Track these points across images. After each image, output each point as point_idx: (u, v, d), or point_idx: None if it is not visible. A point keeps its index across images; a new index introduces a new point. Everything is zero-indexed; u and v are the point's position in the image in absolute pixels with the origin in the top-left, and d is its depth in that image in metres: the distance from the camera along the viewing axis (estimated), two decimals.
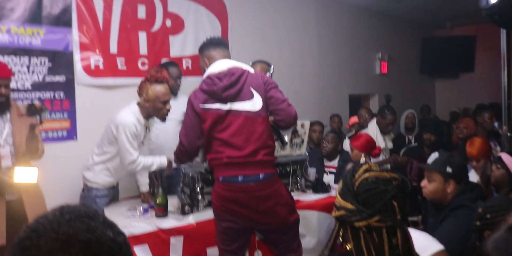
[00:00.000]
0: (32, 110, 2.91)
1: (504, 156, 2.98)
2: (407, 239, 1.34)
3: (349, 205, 1.34)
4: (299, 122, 3.60)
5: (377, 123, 5.17)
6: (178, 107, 3.77)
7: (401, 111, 5.73)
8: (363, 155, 4.04)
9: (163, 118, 3.30)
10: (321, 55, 6.56)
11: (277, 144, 2.96)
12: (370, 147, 4.07)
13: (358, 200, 1.33)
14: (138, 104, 3.24)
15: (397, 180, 1.35)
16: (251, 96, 2.70)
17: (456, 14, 8.07)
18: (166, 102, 3.21)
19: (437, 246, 1.90)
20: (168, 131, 3.88)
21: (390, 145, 5.22)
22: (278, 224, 2.80)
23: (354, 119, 6.09)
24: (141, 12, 4.27)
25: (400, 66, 8.46)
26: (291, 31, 6.00)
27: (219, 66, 2.78)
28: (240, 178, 2.69)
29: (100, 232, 0.77)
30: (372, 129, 5.13)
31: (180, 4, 4.58)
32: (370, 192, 1.32)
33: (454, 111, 8.35)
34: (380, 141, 4.99)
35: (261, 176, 2.69)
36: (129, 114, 3.17)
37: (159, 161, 3.30)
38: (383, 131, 5.12)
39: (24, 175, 2.92)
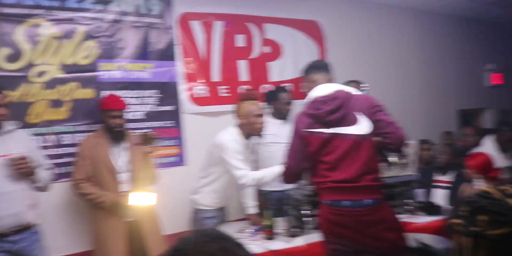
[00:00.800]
0: (146, 139, 3.14)
1: None
2: None
3: None
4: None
5: (496, 140, 4.77)
6: (288, 132, 3.83)
7: None
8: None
9: (258, 133, 3.39)
10: (425, 71, 6.34)
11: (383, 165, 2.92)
12: (485, 169, 3.72)
13: None
14: (237, 126, 3.36)
15: None
16: (356, 121, 2.65)
17: None
18: (259, 116, 3.32)
19: None
20: (278, 155, 3.94)
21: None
22: (389, 249, 2.68)
23: None
24: (240, 41, 4.45)
25: None
26: (391, 48, 5.88)
27: (323, 90, 2.77)
28: (345, 203, 2.65)
29: (235, 251, 0.87)
30: (488, 147, 4.74)
31: (277, 31, 4.70)
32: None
33: None
34: (499, 160, 4.59)
35: (367, 201, 2.62)
36: (226, 134, 3.31)
37: (271, 170, 3.30)
38: (504, 149, 4.72)
39: (141, 199, 3.14)
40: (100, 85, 3.60)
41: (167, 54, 3.98)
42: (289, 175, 2.94)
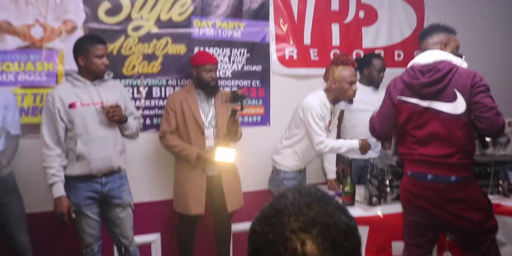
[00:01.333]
0: (235, 97, 3.17)
1: None
2: None
3: None
4: (506, 120, 3.28)
5: None
6: (378, 100, 3.75)
7: None
8: None
9: (350, 100, 3.35)
10: None
11: (477, 143, 2.76)
12: None
13: None
14: (325, 90, 3.31)
15: None
16: (454, 98, 2.49)
17: None
18: (352, 83, 3.24)
19: None
20: (365, 123, 3.87)
21: None
22: (471, 229, 2.59)
23: None
24: (335, 4, 4.33)
25: None
26: (493, 24, 5.43)
27: (426, 57, 2.63)
28: (429, 177, 2.57)
29: (337, 217, 0.81)
30: None
31: None
32: None
33: None
34: None
35: (452, 178, 2.53)
36: (315, 98, 3.26)
37: (349, 143, 3.30)
38: None
39: (224, 155, 3.21)
40: (192, 41, 3.68)
41: (260, 14, 3.96)
42: (378, 135, 2.91)
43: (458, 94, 2.48)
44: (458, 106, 2.49)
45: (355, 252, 0.79)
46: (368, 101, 3.84)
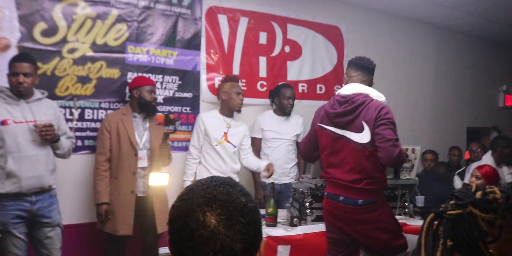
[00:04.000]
0: (167, 120, 3.28)
1: None
2: None
3: None
4: (410, 147, 3.61)
5: (499, 155, 4.80)
6: (290, 127, 4.06)
7: None
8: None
9: (237, 109, 3.84)
10: (439, 85, 6.47)
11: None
12: (493, 179, 3.74)
13: None
14: (219, 110, 3.86)
15: None
16: (361, 129, 2.70)
17: None
18: (239, 94, 3.79)
19: None
20: (281, 150, 4.17)
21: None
22: (379, 247, 2.81)
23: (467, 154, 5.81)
24: (263, 38, 4.62)
25: None
26: (407, 60, 6.01)
27: (346, 89, 2.82)
28: (341, 198, 2.79)
29: (236, 197, 1.00)
30: (486, 163, 4.79)
31: (299, 32, 4.86)
32: None
33: None
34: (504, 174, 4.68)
35: (359, 201, 2.73)
36: (204, 113, 3.88)
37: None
38: (507, 162, 4.77)
39: (158, 179, 3.27)
40: (126, 66, 3.77)
41: (192, 44, 4.15)
42: (304, 157, 3.20)
43: (365, 125, 2.69)
44: (363, 137, 2.70)
45: (248, 226, 0.98)
46: (280, 130, 4.21)
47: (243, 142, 3.94)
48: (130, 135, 3.36)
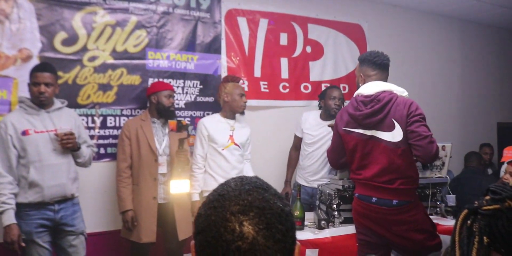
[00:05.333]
0: (180, 126, 3.30)
1: None
2: None
3: None
4: (440, 144, 3.51)
5: None
6: (326, 130, 3.90)
7: None
8: None
9: (241, 111, 3.68)
10: (466, 80, 6.30)
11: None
12: None
13: None
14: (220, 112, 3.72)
15: None
16: (392, 128, 2.66)
17: None
18: (242, 95, 3.64)
19: None
20: (316, 154, 4.05)
21: None
22: (414, 248, 2.77)
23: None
24: (283, 39, 4.57)
25: None
26: (432, 56, 5.87)
27: (368, 88, 2.77)
28: (373, 199, 2.74)
29: (272, 202, 0.91)
30: None
31: (320, 31, 4.80)
32: None
33: None
34: None
35: (394, 202, 2.69)
36: (205, 117, 3.75)
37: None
38: None
39: (179, 187, 3.28)
40: (147, 72, 3.78)
41: (212, 48, 4.13)
42: (332, 165, 3.16)
43: (396, 124, 2.64)
44: (395, 135, 2.65)
45: (287, 233, 0.89)
46: (319, 135, 4.04)
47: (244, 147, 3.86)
48: (150, 141, 3.36)
